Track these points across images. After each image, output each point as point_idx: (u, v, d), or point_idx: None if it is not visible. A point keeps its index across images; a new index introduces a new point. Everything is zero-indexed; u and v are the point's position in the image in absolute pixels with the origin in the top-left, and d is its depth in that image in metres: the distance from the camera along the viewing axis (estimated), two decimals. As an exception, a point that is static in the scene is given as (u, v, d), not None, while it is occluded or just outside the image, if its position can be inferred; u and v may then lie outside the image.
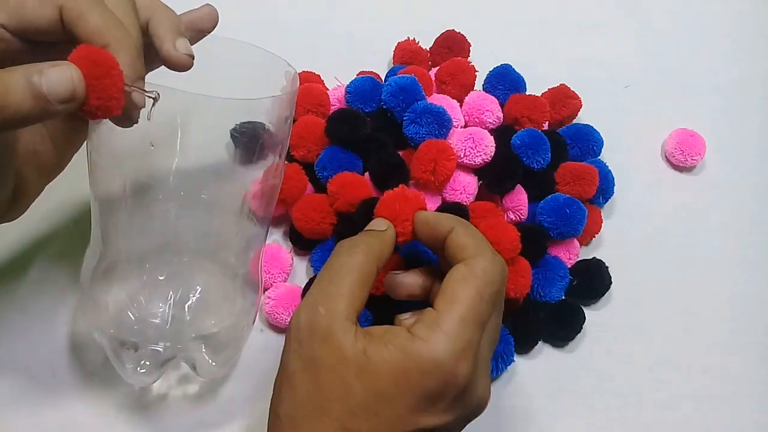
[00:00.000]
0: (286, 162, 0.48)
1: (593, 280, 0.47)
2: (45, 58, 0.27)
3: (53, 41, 0.29)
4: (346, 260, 0.31)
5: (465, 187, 0.45)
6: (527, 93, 0.50)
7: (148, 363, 0.36)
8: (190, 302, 0.36)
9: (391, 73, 0.50)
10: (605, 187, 0.49)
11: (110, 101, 0.27)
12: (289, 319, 0.37)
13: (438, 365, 0.28)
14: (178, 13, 0.34)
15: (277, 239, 0.48)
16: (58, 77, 0.25)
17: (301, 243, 0.46)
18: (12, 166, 0.33)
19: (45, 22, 0.28)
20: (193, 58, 0.32)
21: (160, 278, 0.36)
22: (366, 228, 0.35)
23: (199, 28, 0.35)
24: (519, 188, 0.46)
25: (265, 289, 0.45)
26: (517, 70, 0.50)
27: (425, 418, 0.29)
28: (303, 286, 0.45)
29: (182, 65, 0.31)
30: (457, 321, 0.29)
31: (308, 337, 0.29)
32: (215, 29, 0.36)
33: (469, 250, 0.32)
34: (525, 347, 0.45)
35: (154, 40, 0.32)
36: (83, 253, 0.38)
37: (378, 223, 0.35)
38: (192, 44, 0.33)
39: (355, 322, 0.30)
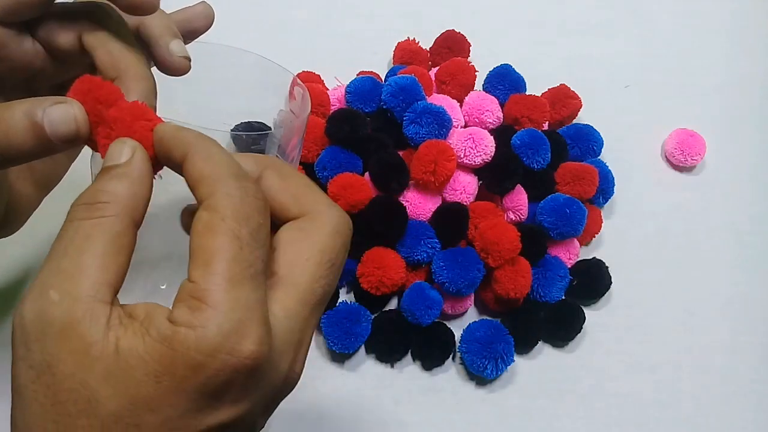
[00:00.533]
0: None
1: (593, 280, 0.47)
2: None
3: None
4: (83, 222, 0.23)
5: (465, 187, 0.45)
6: (527, 93, 0.50)
7: None
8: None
9: (391, 73, 0.50)
10: (605, 187, 0.49)
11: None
12: None
13: (211, 354, 0.21)
14: (170, 11, 0.32)
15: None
16: (61, 117, 0.24)
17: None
18: (5, 182, 0.31)
19: (68, 46, 0.28)
20: (190, 61, 0.30)
21: (162, 287, 0.36)
22: (102, 167, 0.24)
23: (193, 27, 0.33)
24: (519, 188, 0.46)
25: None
26: (517, 70, 0.50)
27: (209, 417, 0.22)
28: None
29: (178, 69, 0.29)
30: (223, 285, 0.21)
31: (38, 335, 0.21)
32: (211, 28, 0.34)
33: (206, 183, 0.23)
34: (525, 347, 0.45)
35: (147, 42, 0.30)
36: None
37: (115, 153, 0.24)
38: (185, 45, 0.31)
39: (111, 302, 0.22)
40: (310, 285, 0.24)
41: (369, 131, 0.47)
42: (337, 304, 0.44)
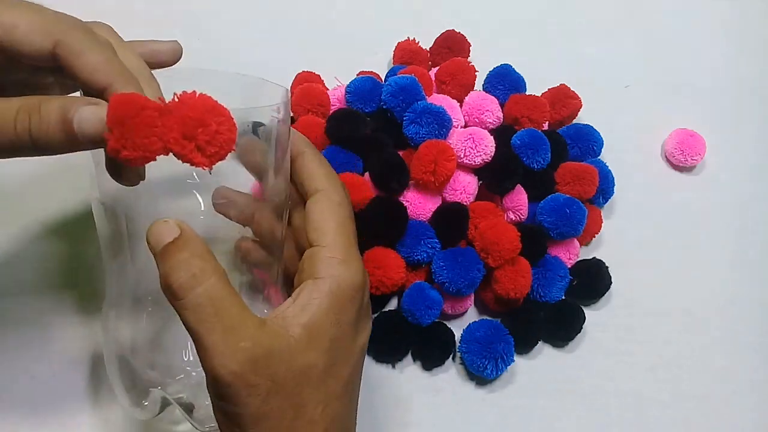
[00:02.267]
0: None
1: (593, 280, 0.47)
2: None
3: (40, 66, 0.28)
4: (202, 295, 0.27)
5: (465, 187, 0.45)
6: (527, 93, 0.50)
7: (154, 402, 0.35)
8: None
9: (391, 73, 0.50)
10: (605, 187, 0.49)
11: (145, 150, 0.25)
12: None
13: (360, 288, 0.31)
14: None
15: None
16: (89, 117, 0.25)
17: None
18: None
19: (34, 51, 0.27)
20: None
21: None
22: (161, 247, 0.28)
23: (160, 60, 0.34)
24: (519, 188, 0.46)
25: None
26: (517, 70, 0.50)
27: (361, 336, 0.31)
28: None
29: None
30: (346, 245, 0.31)
31: (249, 371, 0.27)
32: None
33: (318, 175, 0.33)
34: (525, 347, 0.46)
35: None
36: (85, 258, 0.37)
37: (165, 232, 0.28)
38: None
39: (263, 319, 0.29)
40: (354, 233, 0.33)
41: (369, 131, 0.47)
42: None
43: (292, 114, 0.49)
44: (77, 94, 0.28)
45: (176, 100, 0.26)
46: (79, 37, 0.27)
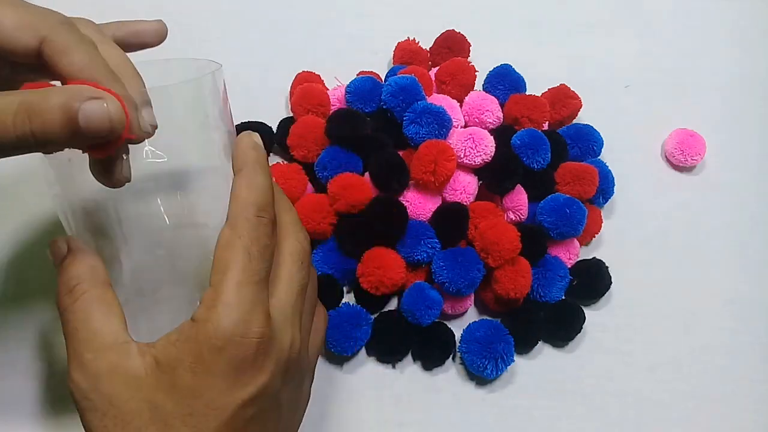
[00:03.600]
0: (285, 162, 0.48)
1: (593, 280, 0.47)
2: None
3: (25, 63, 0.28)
4: (74, 305, 0.29)
5: (465, 187, 0.45)
6: (527, 93, 0.50)
7: None
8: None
9: (391, 73, 0.50)
10: (605, 187, 0.49)
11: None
12: None
13: (228, 338, 0.27)
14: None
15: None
16: (95, 112, 0.25)
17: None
18: None
19: (20, 48, 0.27)
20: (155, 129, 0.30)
21: (164, 310, 0.35)
22: (55, 265, 0.31)
23: (143, 41, 0.34)
24: (519, 188, 0.46)
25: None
26: (517, 70, 0.50)
27: (240, 392, 0.28)
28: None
29: (141, 138, 0.29)
30: (232, 288, 0.27)
31: (92, 387, 0.27)
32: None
33: (238, 205, 0.29)
34: (525, 347, 0.46)
35: None
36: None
37: (57, 250, 0.31)
38: (130, 52, 0.31)
39: (129, 339, 0.28)
40: (291, 279, 0.31)
41: (369, 131, 0.47)
42: (340, 305, 0.44)
43: (292, 114, 0.49)
44: (57, 83, 0.28)
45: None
46: (64, 35, 0.27)
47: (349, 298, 0.46)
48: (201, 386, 0.27)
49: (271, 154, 0.50)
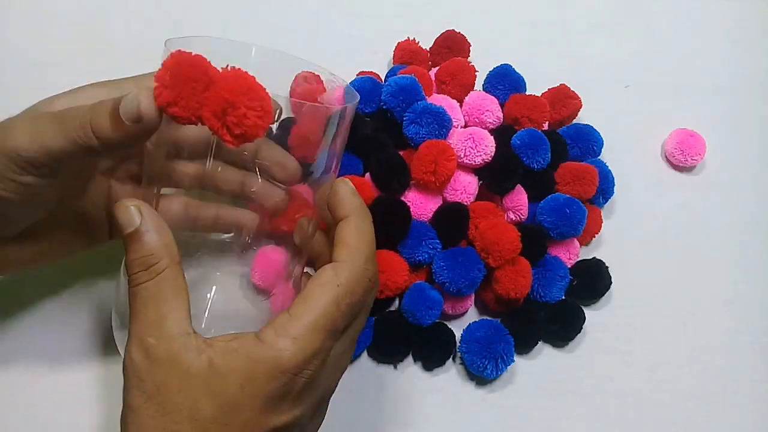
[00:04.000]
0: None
1: (593, 280, 0.47)
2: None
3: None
4: (150, 283, 0.29)
5: (465, 187, 0.45)
6: (527, 93, 0.50)
7: None
8: (206, 309, 0.35)
9: (391, 73, 0.50)
10: (605, 187, 0.49)
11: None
12: None
13: (284, 371, 0.28)
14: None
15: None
16: (131, 100, 0.27)
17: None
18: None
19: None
20: None
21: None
22: (125, 234, 0.30)
23: (273, 173, 0.35)
24: (519, 188, 0.46)
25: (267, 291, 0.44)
26: (517, 70, 0.50)
27: (275, 417, 0.29)
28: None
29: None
30: (308, 328, 0.29)
31: (147, 369, 0.28)
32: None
33: (346, 250, 0.31)
34: (525, 347, 0.46)
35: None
36: (86, 258, 0.37)
37: (127, 219, 0.30)
38: None
39: (193, 332, 0.29)
40: (352, 335, 0.32)
41: (369, 131, 0.47)
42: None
43: (293, 114, 0.49)
44: None
45: (225, 72, 0.27)
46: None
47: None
48: (244, 403, 0.28)
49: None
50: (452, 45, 0.53)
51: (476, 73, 0.49)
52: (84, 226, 0.36)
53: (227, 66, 0.27)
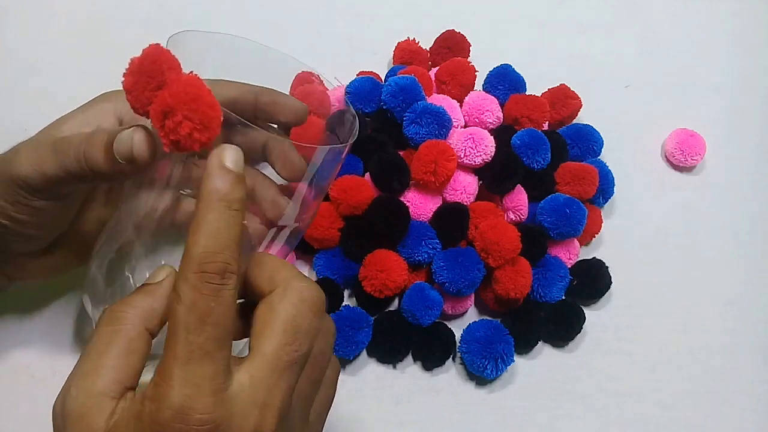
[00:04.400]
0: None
1: (593, 280, 0.47)
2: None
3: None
4: (105, 329, 0.27)
5: (465, 187, 0.45)
6: (527, 93, 0.50)
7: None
8: None
9: (391, 73, 0.50)
10: (605, 187, 0.49)
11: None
12: None
13: (167, 423, 0.24)
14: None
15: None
16: (124, 138, 0.29)
17: (303, 246, 0.46)
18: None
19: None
20: None
21: None
22: (145, 281, 0.29)
23: (276, 116, 0.38)
24: (519, 188, 0.46)
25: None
26: (517, 70, 0.50)
27: None
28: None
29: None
30: (177, 364, 0.25)
31: (63, 422, 0.26)
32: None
33: (183, 258, 0.26)
34: (525, 347, 0.46)
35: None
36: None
37: (157, 275, 0.29)
38: None
39: (118, 397, 0.26)
40: (275, 353, 0.26)
41: (369, 131, 0.47)
42: (341, 308, 0.44)
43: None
44: None
45: (181, 76, 0.27)
46: None
47: (351, 302, 0.46)
48: None
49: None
50: (452, 45, 0.53)
51: (476, 73, 0.49)
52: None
53: (191, 71, 0.27)
